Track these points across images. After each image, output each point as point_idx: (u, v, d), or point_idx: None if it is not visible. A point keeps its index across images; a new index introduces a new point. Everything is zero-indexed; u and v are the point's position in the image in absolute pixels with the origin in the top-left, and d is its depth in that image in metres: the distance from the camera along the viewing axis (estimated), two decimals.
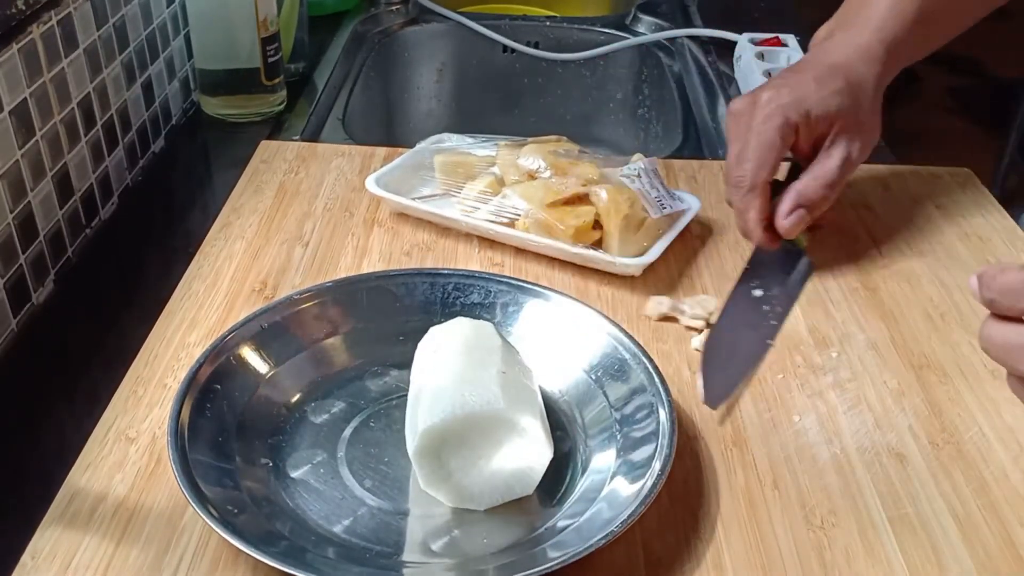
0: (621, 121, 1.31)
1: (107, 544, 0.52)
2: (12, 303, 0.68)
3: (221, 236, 0.78)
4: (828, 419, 0.62)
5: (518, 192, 0.76)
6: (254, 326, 0.62)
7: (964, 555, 0.53)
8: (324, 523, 0.54)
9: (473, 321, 0.61)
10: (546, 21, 1.34)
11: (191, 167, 0.96)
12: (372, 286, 0.67)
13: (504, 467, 0.54)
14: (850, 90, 0.71)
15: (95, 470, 0.56)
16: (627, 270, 0.73)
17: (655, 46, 1.25)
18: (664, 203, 0.76)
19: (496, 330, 0.60)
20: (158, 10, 0.93)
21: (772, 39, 1.08)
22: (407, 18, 1.31)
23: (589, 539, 0.50)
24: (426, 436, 0.52)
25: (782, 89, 0.71)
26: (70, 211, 0.77)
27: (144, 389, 0.62)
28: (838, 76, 0.71)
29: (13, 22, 0.68)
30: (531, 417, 0.53)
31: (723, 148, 0.98)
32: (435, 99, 1.35)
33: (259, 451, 0.58)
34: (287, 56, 1.06)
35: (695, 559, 0.53)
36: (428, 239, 0.78)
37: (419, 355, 0.60)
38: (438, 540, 0.53)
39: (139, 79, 0.89)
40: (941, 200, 0.86)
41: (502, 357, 0.57)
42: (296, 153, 0.91)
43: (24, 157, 0.69)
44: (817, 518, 0.55)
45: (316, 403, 0.62)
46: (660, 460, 0.54)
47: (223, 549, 0.52)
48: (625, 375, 0.61)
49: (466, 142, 0.84)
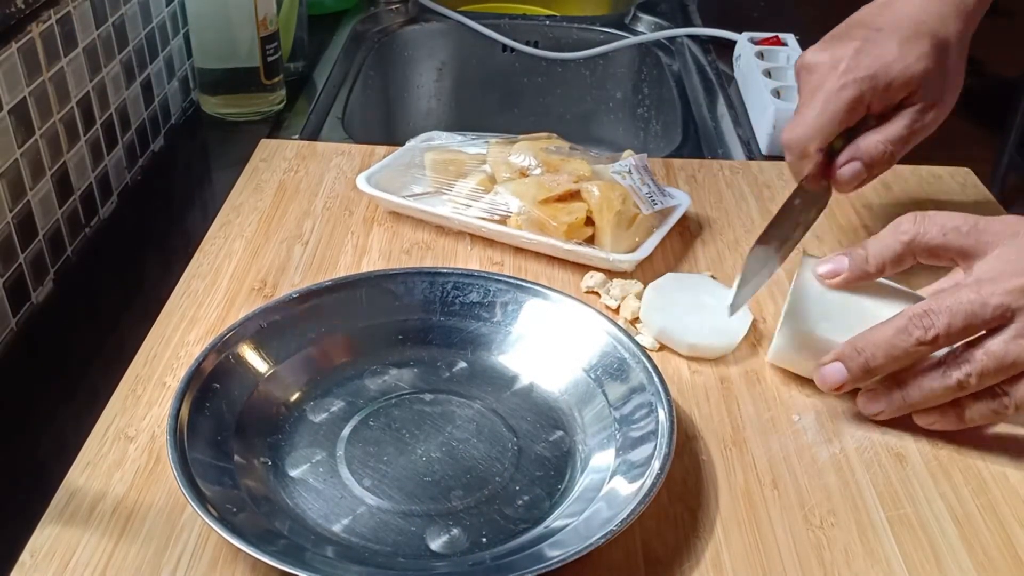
0: (620, 120, 1.31)
1: (106, 542, 0.52)
2: (11, 302, 0.68)
3: (220, 235, 0.78)
4: (827, 419, 0.62)
5: (510, 189, 0.76)
6: (253, 325, 0.62)
7: (963, 555, 0.53)
8: (323, 522, 0.54)
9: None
10: (546, 20, 1.34)
11: (190, 166, 0.96)
12: (371, 285, 0.67)
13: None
14: (936, 53, 0.67)
15: (94, 468, 0.56)
16: (620, 266, 0.73)
17: (655, 45, 1.25)
18: (655, 199, 0.76)
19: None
20: (157, 9, 0.92)
21: (772, 38, 1.08)
22: (407, 17, 1.31)
23: (588, 538, 0.50)
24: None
25: (863, 57, 0.66)
26: (69, 210, 0.77)
27: (143, 388, 0.62)
28: (924, 38, 0.67)
29: (12, 21, 0.68)
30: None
31: (722, 148, 0.99)
32: (435, 98, 1.35)
33: (258, 450, 0.58)
34: (286, 55, 1.06)
35: (694, 558, 0.53)
36: (427, 238, 0.78)
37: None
38: (437, 539, 0.53)
39: (138, 78, 0.89)
40: (941, 200, 0.86)
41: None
42: (296, 152, 0.91)
43: (23, 156, 0.69)
44: (816, 518, 0.55)
45: (315, 402, 0.62)
46: (659, 459, 0.54)
47: (222, 548, 0.52)
48: (624, 374, 0.61)
49: (456, 140, 0.84)
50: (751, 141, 0.97)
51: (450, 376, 0.64)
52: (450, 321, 0.67)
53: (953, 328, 0.55)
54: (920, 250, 0.60)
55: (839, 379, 0.59)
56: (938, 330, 0.55)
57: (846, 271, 0.61)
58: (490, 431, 0.60)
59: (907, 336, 0.56)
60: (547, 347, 0.65)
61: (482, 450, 0.59)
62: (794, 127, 0.68)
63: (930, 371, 0.58)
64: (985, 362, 0.55)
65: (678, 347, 0.67)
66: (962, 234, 0.58)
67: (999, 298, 0.55)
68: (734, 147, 0.98)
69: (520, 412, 0.61)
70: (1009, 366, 0.55)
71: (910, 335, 0.56)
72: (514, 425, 0.60)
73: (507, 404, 0.62)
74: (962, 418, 0.58)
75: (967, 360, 0.56)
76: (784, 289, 0.72)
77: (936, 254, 0.60)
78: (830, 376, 0.60)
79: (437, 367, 0.65)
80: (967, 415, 0.58)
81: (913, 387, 0.58)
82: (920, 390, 0.58)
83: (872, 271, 0.61)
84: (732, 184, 0.87)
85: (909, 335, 0.56)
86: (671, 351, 0.67)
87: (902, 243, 0.60)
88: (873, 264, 0.60)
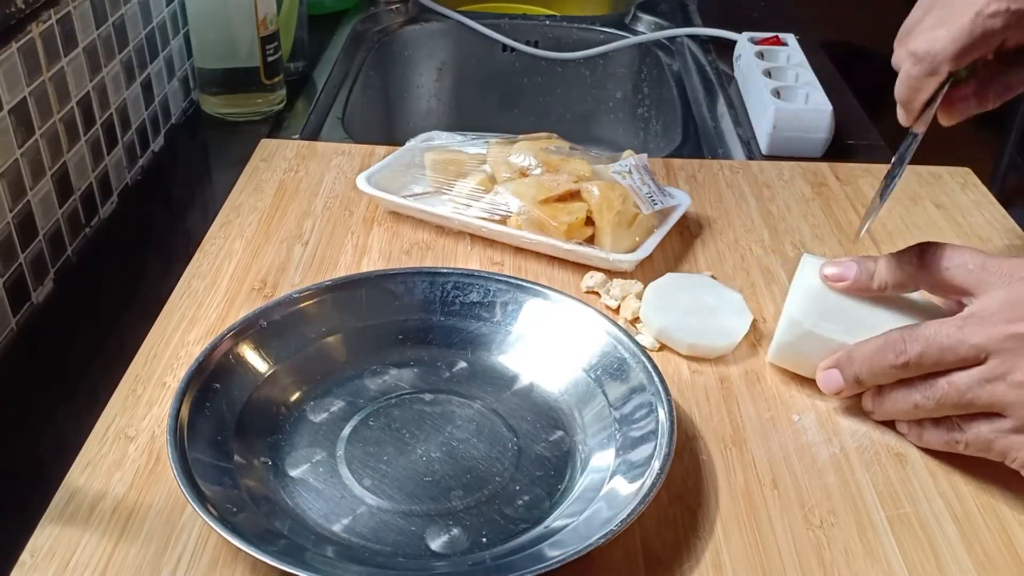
0: (621, 120, 1.31)
1: (106, 542, 0.52)
2: (11, 302, 0.68)
3: (220, 235, 0.78)
4: (827, 418, 0.62)
5: (510, 189, 0.76)
6: (253, 325, 0.62)
7: (963, 555, 0.53)
8: (323, 522, 0.54)
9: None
10: (546, 20, 1.34)
11: (191, 166, 0.96)
12: (371, 285, 0.67)
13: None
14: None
15: (94, 468, 0.56)
16: (620, 266, 0.73)
17: (655, 45, 1.25)
18: (655, 199, 0.76)
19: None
20: (157, 9, 0.92)
21: (772, 38, 1.08)
22: (407, 17, 1.31)
23: (588, 538, 0.50)
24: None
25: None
26: (69, 210, 0.77)
27: (143, 388, 0.62)
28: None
29: (12, 21, 0.68)
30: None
31: (722, 148, 0.99)
32: (435, 98, 1.35)
33: (258, 450, 0.58)
34: (286, 55, 1.06)
35: (694, 558, 0.53)
36: (427, 238, 0.78)
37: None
38: (437, 539, 0.53)
39: (138, 78, 0.89)
40: (941, 199, 0.86)
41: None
42: (296, 152, 0.91)
43: (23, 156, 0.69)
44: (816, 518, 0.55)
45: (315, 402, 0.62)
46: (659, 459, 0.54)
47: (222, 548, 0.52)
48: (624, 374, 0.61)
49: (456, 140, 0.84)
50: (751, 141, 0.97)
51: (450, 376, 0.64)
52: (450, 321, 0.67)
53: (925, 359, 0.56)
54: (923, 281, 0.60)
55: (836, 386, 0.61)
56: (909, 357, 0.57)
57: (850, 280, 0.62)
58: (490, 431, 0.60)
59: (883, 356, 0.58)
60: (547, 347, 0.65)
61: (482, 450, 0.59)
62: (934, 39, 0.61)
63: (901, 386, 0.59)
64: (946, 391, 0.56)
65: (678, 347, 0.67)
66: (967, 271, 0.58)
67: (978, 339, 0.55)
68: (734, 147, 0.98)
69: (520, 412, 0.61)
70: (967, 404, 0.56)
71: (885, 356, 0.58)
72: (514, 425, 0.60)
73: (507, 404, 0.62)
74: (920, 438, 0.59)
75: (930, 385, 0.57)
76: (784, 289, 0.72)
77: (939, 287, 0.60)
78: (828, 382, 0.61)
79: (437, 367, 0.65)
80: (924, 436, 0.59)
81: (887, 398, 0.60)
82: (889, 402, 0.59)
83: (874, 288, 0.61)
84: (732, 184, 0.87)
85: (884, 356, 0.58)
86: (671, 351, 0.67)
87: (906, 273, 0.60)
88: (876, 282, 0.61)
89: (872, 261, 0.61)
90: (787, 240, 0.80)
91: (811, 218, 0.82)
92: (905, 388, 0.58)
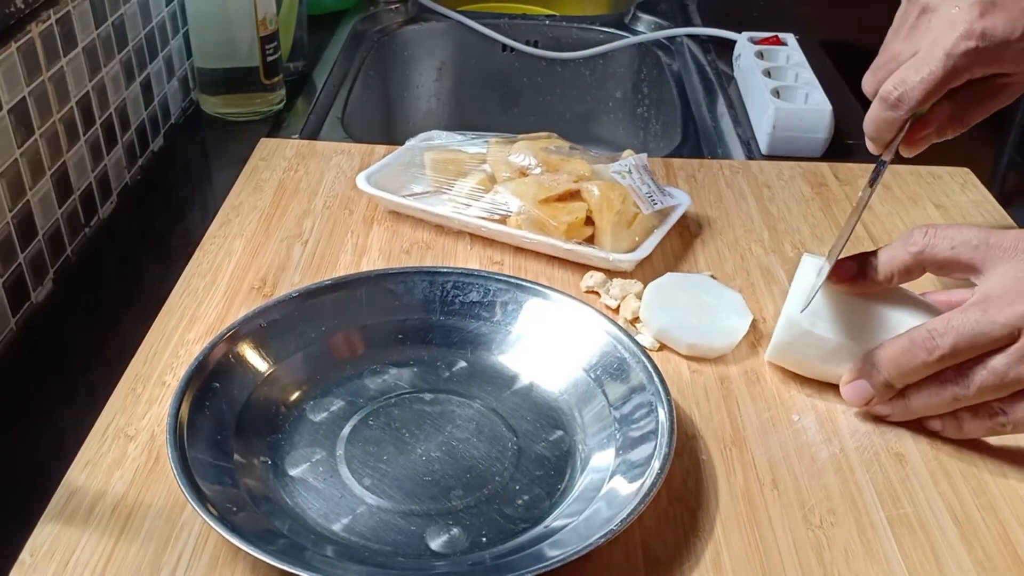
0: (620, 120, 1.31)
1: (106, 541, 0.52)
2: (11, 302, 0.68)
3: (220, 234, 0.78)
4: (827, 418, 0.62)
5: (510, 189, 0.76)
6: (253, 324, 0.62)
7: (963, 555, 0.53)
8: (323, 521, 0.54)
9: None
10: (545, 20, 1.34)
11: (190, 166, 0.96)
12: (371, 284, 0.67)
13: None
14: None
15: (94, 467, 0.56)
16: (620, 266, 0.73)
17: (654, 45, 1.25)
18: (655, 199, 0.76)
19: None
20: (157, 9, 0.92)
21: (771, 38, 1.08)
22: (406, 17, 1.31)
23: (588, 538, 0.50)
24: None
25: (988, 19, 0.60)
26: (69, 210, 0.77)
27: (143, 387, 0.62)
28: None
29: (12, 21, 0.68)
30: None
31: (722, 148, 0.99)
32: (434, 98, 1.35)
33: (258, 449, 0.58)
34: (286, 55, 1.06)
35: (694, 558, 0.52)
36: (427, 237, 0.78)
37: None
38: (437, 539, 0.53)
39: (138, 78, 0.89)
40: (941, 200, 0.86)
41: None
42: (295, 151, 0.91)
43: (23, 156, 0.69)
44: (816, 517, 0.55)
45: (315, 401, 0.62)
46: (659, 459, 0.54)
47: (222, 547, 0.52)
48: (624, 374, 0.61)
49: (456, 139, 0.84)
50: (751, 141, 0.97)
51: (450, 376, 0.64)
52: (450, 320, 0.67)
53: (959, 349, 0.56)
54: (929, 262, 0.60)
55: (865, 395, 0.60)
56: (943, 350, 0.56)
57: (854, 278, 0.61)
58: (490, 431, 0.60)
59: (913, 356, 0.57)
60: (547, 347, 0.65)
61: (482, 450, 0.59)
62: (903, 81, 0.62)
63: (932, 382, 0.58)
64: (985, 377, 0.56)
65: (678, 347, 0.67)
66: (971, 247, 0.58)
67: (1005, 317, 0.55)
68: (734, 147, 0.98)
69: (520, 412, 0.61)
70: (1008, 384, 0.55)
71: (916, 355, 0.57)
72: (514, 425, 0.60)
73: (507, 404, 0.62)
74: (960, 430, 0.59)
75: (967, 375, 0.56)
76: (784, 289, 0.72)
77: (945, 267, 0.60)
78: (857, 394, 0.60)
79: (437, 366, 0.65)
80: (964, 428, 0.59)
81: (915, 396, 0.59)
82: (920, 400, 0.59)
83: (880, 280, 0.61)
84: (732, 184, 0.87)
85: (915, 355, 0.57)
86: (671, 351, 0.67)
87: (911, 254, 0.60)
88: (881, 273, 0.60)
89: (871, 255, 0.61)
90: (787, 240, 0.80)
91: (811, 218, 0.82)
92: (936, 383, 0.57)
